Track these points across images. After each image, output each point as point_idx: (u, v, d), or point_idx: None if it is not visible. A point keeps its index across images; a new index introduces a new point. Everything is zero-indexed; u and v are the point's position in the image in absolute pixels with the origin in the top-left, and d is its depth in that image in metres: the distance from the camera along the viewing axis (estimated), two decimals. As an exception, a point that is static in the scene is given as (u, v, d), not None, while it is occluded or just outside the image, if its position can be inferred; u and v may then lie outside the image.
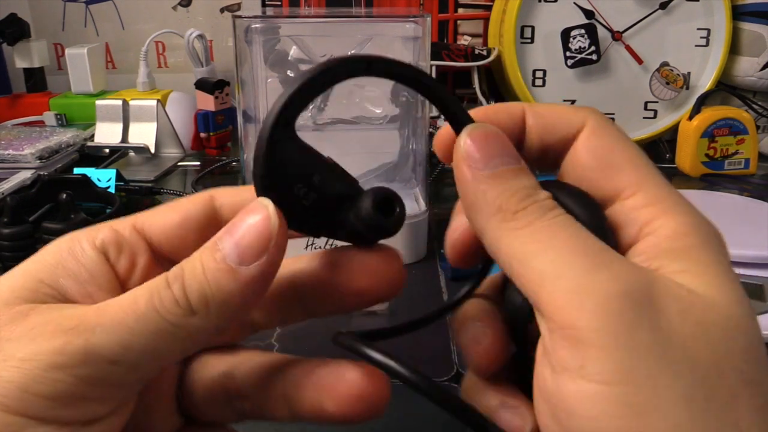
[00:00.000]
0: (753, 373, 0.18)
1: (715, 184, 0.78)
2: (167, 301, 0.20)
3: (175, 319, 0.20)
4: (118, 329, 0.20)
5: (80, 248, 0.23)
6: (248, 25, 0.56)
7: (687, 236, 0.20)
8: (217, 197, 0.24)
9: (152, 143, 0.83)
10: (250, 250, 0.20)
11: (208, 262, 0.20)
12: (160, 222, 0.24)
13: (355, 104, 0.62)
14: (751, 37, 0.86)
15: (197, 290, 0.20)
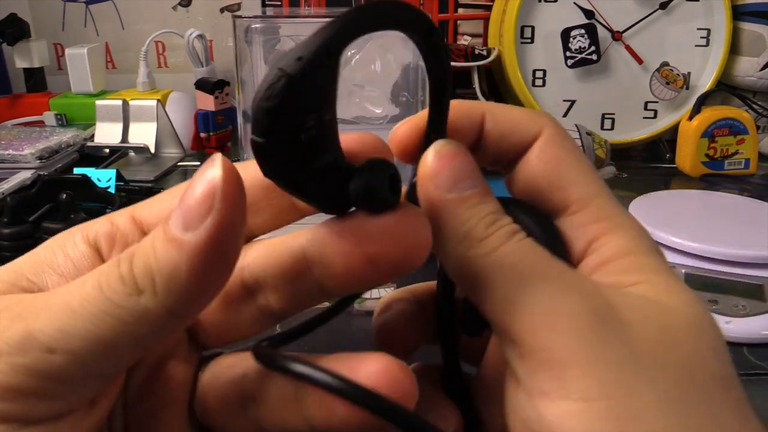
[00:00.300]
0: (721, 369, 0.18)
1: (715, 184, 0.78)
2: (112, 279, 0.17)
3: (118, 299, 0.17)
4: (60, 313, 0.17)
5: (72, 243, 0.21)
6: (248, 25, 0.56)
7: (634, 251, 0.20)
8: None
9: (152, 143, 0.83)
10: (193, 212, 0.17)
11: (156, 235, 0.17)
12: (158, 209, 0.22)
13: (355, 104, 0.62)
14: (751, 37, 0.86)
15: (143, 265, 0.17)
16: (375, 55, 0.61)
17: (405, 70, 0.60)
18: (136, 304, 0.17)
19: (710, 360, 0.18)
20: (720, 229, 0.52)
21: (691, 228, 0.51)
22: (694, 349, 0.18)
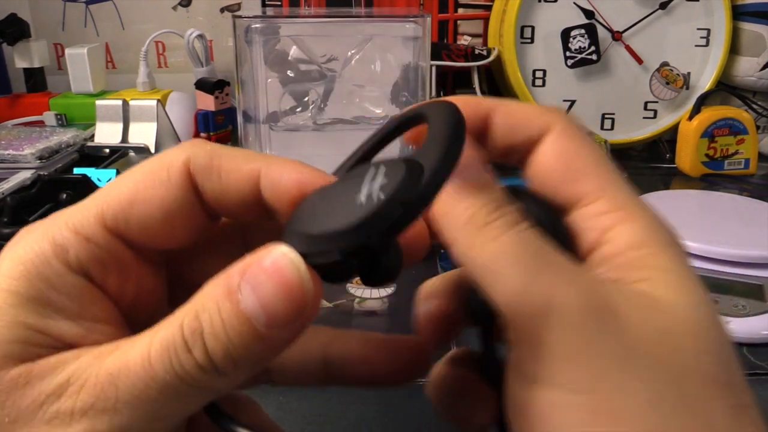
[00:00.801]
0: (721, 374, 0.18)
1: (715, 184, 0.78)
2: (190, 367, 0.17)
3: (201, 384, 0.18)
4: (140, 404, 0.17)
5: (54, 273, 0.19)
6: (248, 25, 0.56)
7: (645, 244, 0.20)
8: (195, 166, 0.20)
9: (152, 143, 0.83)
10: (282, 318, 0.17)
11: (230, 321, 0.17)
12: (138, 221, 0.20)
13: (355, 104, 0.62)
14: (751, 37, 0.86)
15: (222, 353, 0.17)
16: (375, 55, 0.61)
17: (405, 70, 0.60)
18: (215, 384, 0.18)
19: (710, 365, 0.18)
20: (720, 229, 0.52)
21: (691, 228, 0.51)
22: (693, 353, 0.18)
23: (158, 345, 0.18)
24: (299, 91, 0.61)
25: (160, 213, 0.20)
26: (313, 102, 0.62)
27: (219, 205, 0.21)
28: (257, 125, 0.60)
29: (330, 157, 0.66)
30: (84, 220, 0.19)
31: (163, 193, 0.20)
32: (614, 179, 0.21)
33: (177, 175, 0.20)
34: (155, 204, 0.20)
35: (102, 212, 0.20)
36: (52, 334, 0.18)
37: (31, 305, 0.18)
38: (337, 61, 0.61)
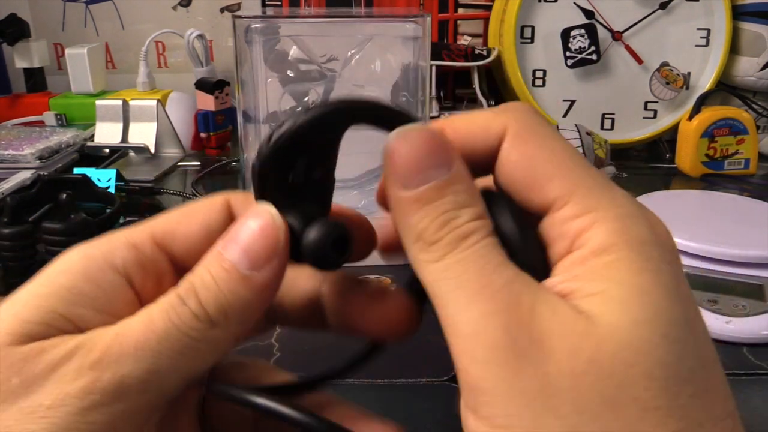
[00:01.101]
0: (657, 399, 0.17)
1: (715, 184, 0.78)
2: (186, 317, 0.19)
3: (197, 334, 0.20)
4: (143, 355, 0.19)
5: (97, 269, 0.21)
6: (248, 25, 0.56)
7: (612, 250, 0.19)
8: (234, 205, 0.23)
9: (152, 143, 0.83)
10: (261, 255, 0.20)
11: (217, 272, 0.20)
12: (183, 236, 0.23)
13: (355, 104, 0.62)
14: (751, 37, 0.86)
15: (214, 302, 0.20)
16: (375, 55, 0.61)
17: (405, 70, 0.60)
18: (212, 336, 0.20)
19: (643, 391, 0.17)
20: (720, 229, 0.52)
21: (691, 228, 0.51)
22: (624, 379, 0.17)
23: (156, 307, 0.20)
24: (299, 91, 0.61)
25: (202, 230, 0.23)
26: (313, 102, 0.62)
27: None
28: (257, 125, 0.60)
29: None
30: (136, 232, 0.22)
31: (205, 214, 0.23)
32: (582, 177, 0.20)
33: (218, 203, 0.23)
34: (198, 222, 0.23)
35: (153, 228, 0.23)
36: (75, 320, 0.20)
37: (63, 294, 0.20)
38: (337, 61, 0.61)
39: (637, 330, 0.17)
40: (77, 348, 0.19)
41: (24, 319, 0.19)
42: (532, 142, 0.20)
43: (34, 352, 0.19)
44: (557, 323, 0.18)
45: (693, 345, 0.18)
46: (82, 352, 0.19)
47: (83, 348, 0.19)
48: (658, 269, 0.19)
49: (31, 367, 0.19)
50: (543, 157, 0.20)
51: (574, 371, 0.17)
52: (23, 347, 0.19)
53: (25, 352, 0.19)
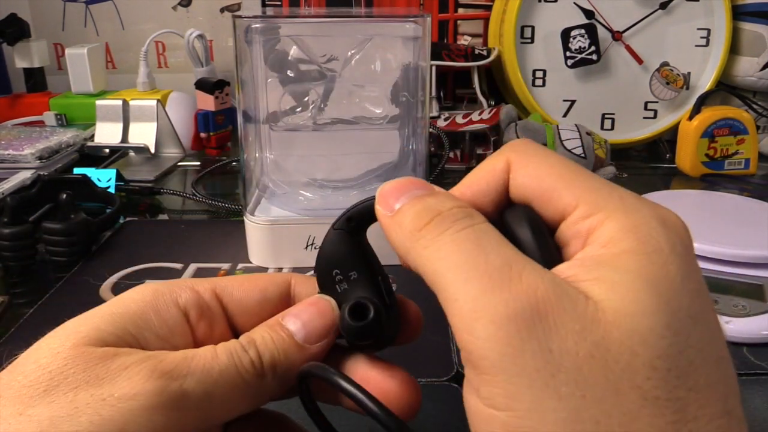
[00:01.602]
0: (657, 390, 0.17)
1: (715, 184, 0.78)
2: (245, 362, 0.23)
3: (249, 378, 0.23)
4: (205, 378, 0.22)
5: (163, 303, 0.24)
6: (248, 25, 0.56)
7: (621, 241, 0.19)
8: (294, 285, 0.27)
9: (152, 143, 0.83)
10: (317, 332, 0.24)
11: (276, 336, 0.24)
12: (240, 295, 0.26)
13: (355, 104, 0.62)
14: (751, 37, 0.86)
15: (269, 357, 0.23)
16: (375, 55, 0.61)
17: (405, 70, 0.60)
18: (258, 383, 0.23)
19: (645, 380, 0.17)
20: (720, 229, 0.52)
21: (691, 228, 0.51)
22: (628, 367, 0.17)
23: (222, 347, 0.23)
24: (299, 91, 0.61)
25: (258, 295, 0.26)
26: (313, 102, 0.61)
27: None
28: (257, 125, 0.60)
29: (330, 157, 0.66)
30: (200, 282, 0.26)
31: (266, 283, 0.26)
32: (587, 183, 0.21)
33: (280, 278, 0.27)
34: (257, 288, 0.26)
35: (216, 282, 0.26)
36: (140, 340, 0.23)
37: (133, 317, 0.23)
38: (337, 61, 0.60)
39: (644, 319, 0.18)
40: (149, 358, 0.22)
41: (100, 327, 0.22)
42: (534, 163, 0.22)
43: (110, 354, 0.21)
44: (564, 302, 0.18)
45: (697, 338, 0.18)
46: (154, 361, 0.21)
47: (155, 359, 0.22)
48: (666, 260, 0.19)
49: (107, 364, 0.21)
50: (547, 173, 0.22)
51: (579, 353, 0.17)
52: (99, 348, 0.22)
53: (102, 352, 0.21)
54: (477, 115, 0.80)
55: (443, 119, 0.82)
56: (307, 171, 0.60)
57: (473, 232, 0.20)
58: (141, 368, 0.21)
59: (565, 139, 0.73)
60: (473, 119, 0.79)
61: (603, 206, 0.20)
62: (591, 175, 0.21)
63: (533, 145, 0.23)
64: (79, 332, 0.22)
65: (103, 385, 0.20)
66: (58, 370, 0.21)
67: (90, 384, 0.20)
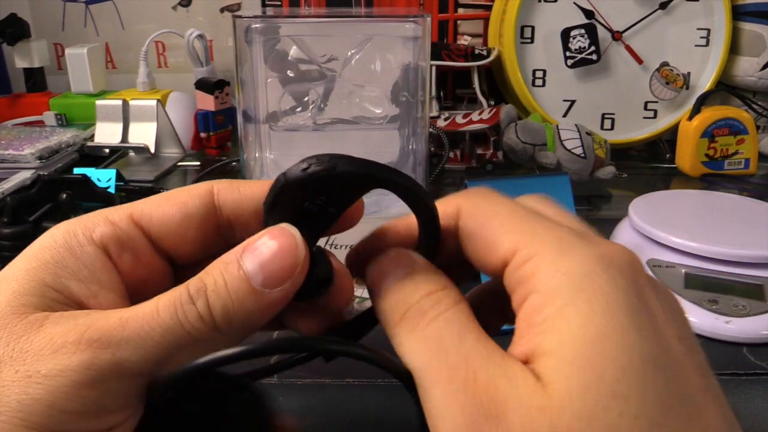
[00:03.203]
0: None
1: (715, 184, 0.78)
2: (192, 317, 0.20)
3: (198, 335, 0.20)
4: (144, 343, 0.20)
5: (77, 243, 0.22)
6: (248, 25, 0.56)
7: (559, 291, 0.19)
8: (217, 192, 0.24)
9: (152, 143, 0.83)
10: (277, 275, 0.21)
11: (231, 280, 0.21)
12: (160, 217, 0.24)
13: (355, 104, 0.62)
14: (751, 37, 0.86)
15: (221, 308, 0.21)
16: (375, 55, 0.61)
17: (405, 70, 0.60)
18: (212, 339, 0.21)
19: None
20: (720, 229, 0.52)
21: (691, 228, 0.51)
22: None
23: (165, 300, 0.21)
24: (299, 91, 0.61)
25: (179, 213, 0.23)
26: (313, 102, 0.62)
27: (238, 215, 0.24)
28: (257, 125, 0.60)
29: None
30: (115, 211, 0.23)
31: (186, 199, 0.24)
32: (527, 226, 0.21)
33: (200, 189, 0.24)
34: (177, 206, 0.24)
35: (132, 208, 0.24)
36: (63, 291, 0.21)
37: (50, 267, 0.21)
38: (337, 61, 0.61)
39: (588, 395, 0.17)
40: (77, 325, 0.20)
41: (19, 291, 0.21)
42: (482, 212, 0.22)
43: (35, 324, 0.20)
44: (514, 396, 0.18)
45: (654, 384, 0.18)
46: (81, 329, 0.20)
47: (83, 326, 0.20)
48: (606, 306, 0.18)
49: (32, 337, 0.20)
50: (487, 223, 0.22)
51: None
52: (26, 318, 0.20)
53: (30, 321, 0.20)
54: (477, 115, 0.80)
55: (443, 119, 0.82)
56: (307, 171, 0.60)
57: (437, 328, 0.20)
58: (67, 338, 0.19)
59: (565, 139, 0.73)
60: (473, 119, 0.79)
61: (538, 250, 0.20)
62: (533, 217, 0.21)
63: (484, 193, 0.23)
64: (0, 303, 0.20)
65: (27, 360, 0.19)
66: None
67: (15, 360, 0.19)
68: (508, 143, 0.74)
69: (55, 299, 0.21)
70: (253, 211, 0.24)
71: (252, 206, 0.24)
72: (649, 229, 0.51)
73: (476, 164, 0.80)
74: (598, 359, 0.18)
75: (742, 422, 0.35)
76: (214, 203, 0.24)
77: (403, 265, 0.22)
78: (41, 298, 0.21)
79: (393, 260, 0.22)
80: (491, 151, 0.79)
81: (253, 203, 0.24)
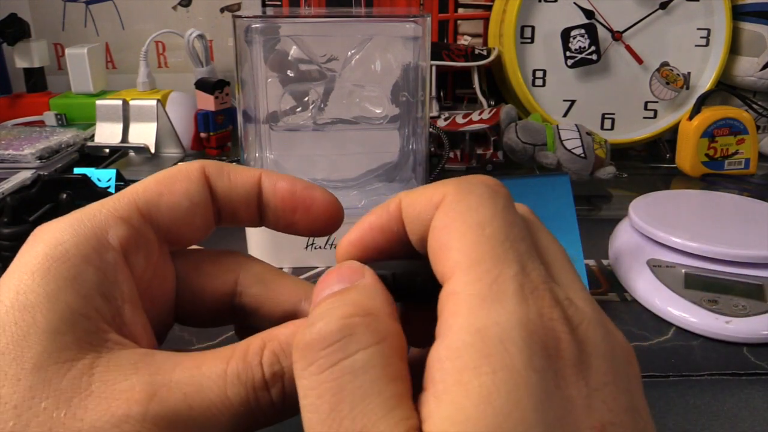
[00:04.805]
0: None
1: (715, 184, 0.78)
2: (264, 403, 0.19)
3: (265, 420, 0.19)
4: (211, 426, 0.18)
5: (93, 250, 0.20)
6: (248, 25, 0.56)
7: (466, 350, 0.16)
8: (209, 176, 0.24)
9: (152, 143, 0.83)
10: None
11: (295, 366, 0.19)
12: (168, 207, 0.23)
13: (355, 104, 0.62)
14: (751, 37, 0.86)
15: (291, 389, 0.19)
16: (375, 55, 0.61)
17: (405, 70, 0.60)
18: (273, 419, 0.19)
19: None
20: (720, 229, 0.52)
21: (691, 228, 0.51)
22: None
23: (234, 377, 0.18)
24: (299, 91, 0.61)
25: (187, 202, 0.23)
26: (313, 102, 0.62)
27: (227, 202, 0.24)
28: (257, 125, 0.60)
29: (330, 157, 0.66)
30: (121, 204, 0.22)
31: (188, 186, 0.23)
32: (472, 249, 0.18)
33: (196, 174, 0.23)
34: (182, 194, 0.23)
35: (135, 199, 0.22)
36: (93, 317, 0.19)
37: (74, 287, 0.19)
38: (337, 61, 0.61)
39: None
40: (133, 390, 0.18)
41: (52, 329, 0.18)
42: (453, 211, 0.19)
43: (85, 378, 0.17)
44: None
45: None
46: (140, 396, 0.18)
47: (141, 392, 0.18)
48: (513, 387, 0.16)
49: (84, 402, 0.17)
50: (454, 227, 0.19)
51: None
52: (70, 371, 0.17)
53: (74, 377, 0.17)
54: (477, 115, 0.80)
55: (443, 119, 0.82)
56: (307, 171, 0.60)
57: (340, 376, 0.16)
58: (129, 412, 0.17)
59: (565, 139, 0.73)
60: (473, 119, 0.79)
61: (465, 288, 0.17)
62: (488, 238, 0.18)
63: (474, 187, 0.20)
64: (31, 347, 0.17)
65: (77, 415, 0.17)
66: (26, 405, 0.17)
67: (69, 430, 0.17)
68: (508, 143, 0.74)
69: (88, 330, 0.19)
70: (242, 201, 0.24)
71: (242, 195, 0.24)
72: (649, 229, 0.51)
73: (476, 164, 0.80)
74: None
75: (742, 422, 0.35)
76: (208, 185, 0.24)
77: (343, 280, 0.19)
78: (74, 333, 0.18)
79: (336, 273, 0.20)
80: (491, 151, 0.79)
81: (243, 193, 0.24)
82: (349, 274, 0.20)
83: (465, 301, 0.17)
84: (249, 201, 0.24)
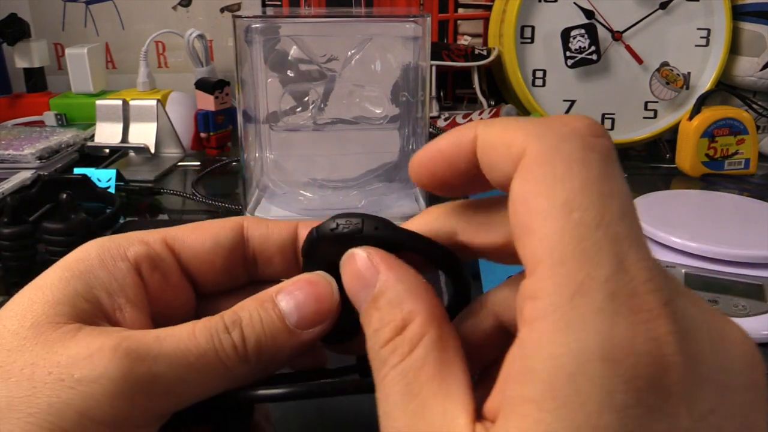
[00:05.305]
0: None
1: (715, 184, 0.78)
2: (227, 346, 0.21)
3: (229, 363, 0.21)
4: (180, 362, 0.20)
5: (110, 258, 0.23)
6: (248, 25, 0.56)
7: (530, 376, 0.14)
8: (247, 227, 0.25)
9: (152, 143, 0.83)
10: (310, 317, 0.22)
11: (266, 317, 0.22)
12: (192, 242, 0.25)
13: (355, 104, 0.62)
14: (751, 37, 0.86)
15: (255, 341, 0.21)
16: (375, 55, 0.61)
17: (405, 70, 0.60)
18: (239, 369, 0.21)
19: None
20: (720, 229, 0.52)
21: (691, 228, 0.51)
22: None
23: (201, 326, 0.21)
24: (299, 91, 0.61)
25: (210, 241, 0.24)
26: (313, 102, 0.62)
27: (263, 249, 0.25)
28: (257, 125, 0.60)
29: (330, 157, 0.66)
30: (149, 233, 0.24)
31: (218, 230, 0.25)
32: (560, 241, 0.15)
33: (231, 222, 0.25)
34: (209, 235, 0.25)
35: (166, 232, 0.25)
36: (93, 301, 0.22)
37: (83, 277, 0.22)
38: (337, 61, 0.61)
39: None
40: (113, 336, 0.20)
41: (54, 300, 0.21)
42: (535, 181, 0.16)
43: (71, 333, 0.20)
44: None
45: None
46: (118, 338, 0.20)
47: (121, 336, 0.20)
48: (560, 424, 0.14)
49: (66, 343, 0.20)
50: (535, 204, 0.15)
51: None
52: (60, 328, 0.20)
53: (63, 332, 0.20)
54: (477, 115, 0.80)
55: (443, 119, 0.82)
56: (307, 171, 0.60)
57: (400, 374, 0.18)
58: (103, 345, 0.20)
59: (565, 139, 0.73)
60: (473, 119, 0.79)
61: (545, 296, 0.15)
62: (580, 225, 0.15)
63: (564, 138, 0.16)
64: (35, 310, 0.21)
65: (61, 363, 0.19)
66: (17, 348, 0.20)
67: (49, 363, 0.19)
68: (508, 143, 0.74)
69: (85, 310, 0.22)
70: (278, 248, 0.25)
71: (277, 243, 0.25)
72: (649, 229, 0.51)
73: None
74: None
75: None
76: (243, 236, 0.25)
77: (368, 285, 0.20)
78: (73, 308, 0.21)
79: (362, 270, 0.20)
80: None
81: (279, 240, 0.25)
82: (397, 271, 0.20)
83: (542, 315, 0.15)
84: (284, 248, 0.25)
